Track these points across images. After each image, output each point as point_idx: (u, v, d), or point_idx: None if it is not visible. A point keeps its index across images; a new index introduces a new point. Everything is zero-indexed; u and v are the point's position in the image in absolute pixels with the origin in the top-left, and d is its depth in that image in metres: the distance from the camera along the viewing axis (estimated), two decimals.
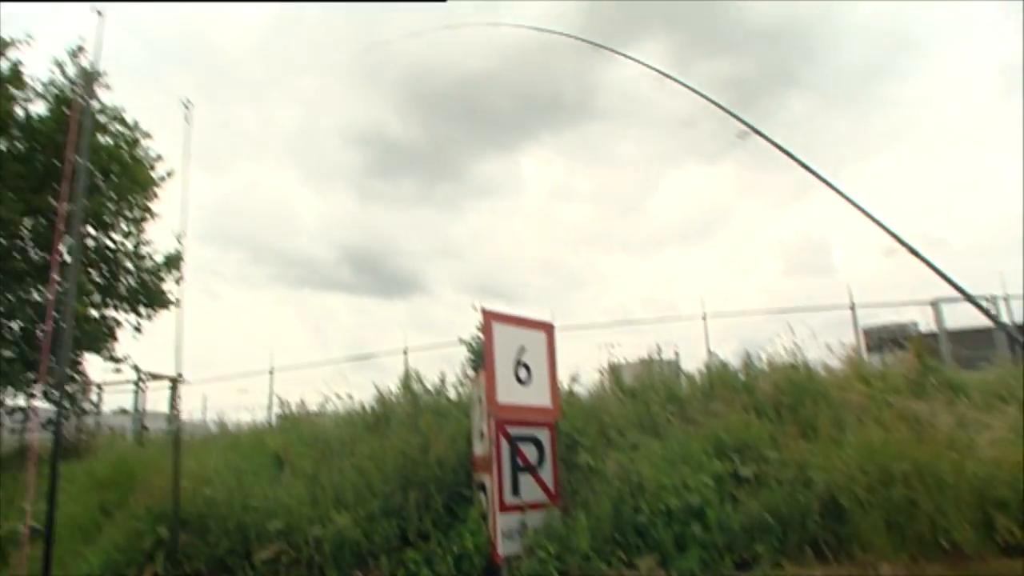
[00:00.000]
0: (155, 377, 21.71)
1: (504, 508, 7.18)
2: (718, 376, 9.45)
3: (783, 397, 8.75)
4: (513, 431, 7.50)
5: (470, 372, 10.66)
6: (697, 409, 8.57)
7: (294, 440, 9.45)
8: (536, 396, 7.84)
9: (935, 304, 13.03)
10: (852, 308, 12.10)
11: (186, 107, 7.84)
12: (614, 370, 10.10)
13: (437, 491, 7.61)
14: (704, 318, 12.10)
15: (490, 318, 7.66)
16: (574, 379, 10.23)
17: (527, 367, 7.80)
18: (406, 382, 10.76)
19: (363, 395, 11.40)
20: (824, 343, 10.35)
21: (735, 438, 7.63)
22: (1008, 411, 8.01)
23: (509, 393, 7.55)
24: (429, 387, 10.62)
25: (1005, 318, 12.28)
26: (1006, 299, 12.19)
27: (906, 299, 15.32)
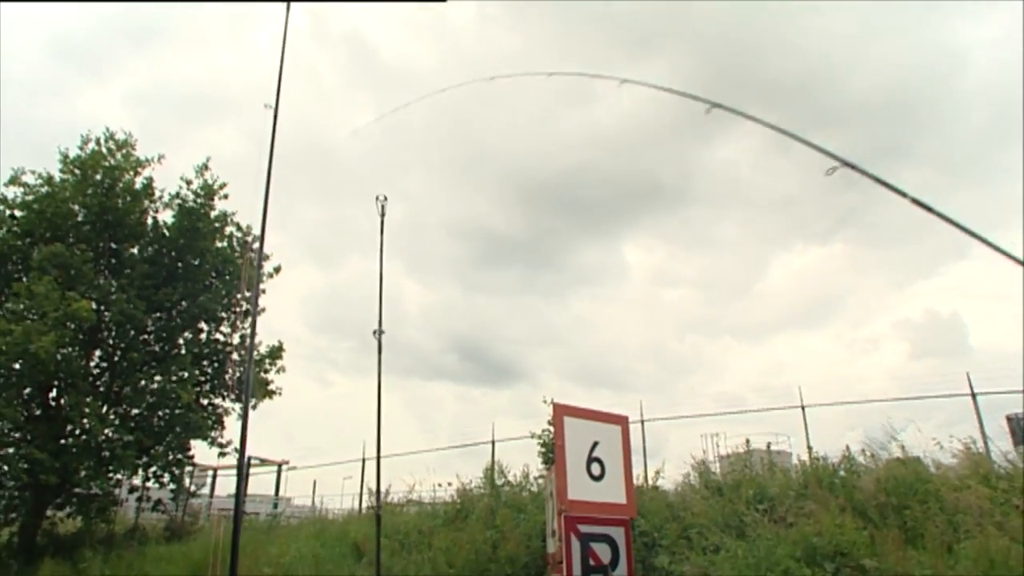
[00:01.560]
0: (263, 462, 22.74)
1: None
2: (813, 472, 8.78)
3: (887, 498, 7.98)
4: (584, 528, 7.22)
5: (542, 467, 10.47)
6: (789, 508, 7.95)
7: (372, 532, 9.48)
8: (610, 492, 7.55)
9: None
10: (973, 396, 11.00)
11: (380, 201, 8.49)
12: (701, 464, 9.59)
13: None
14: (802, 407, 11.36)
15: (561, 412, 7.54)
16: (659, 473, 9.82)
17: (600, 462, 7.57)
18: (489, 474, 10.68)
19: (457, 484, 11.37)
20: (948, 435, 9.49)
21: (829, 543, 6.99)
22: None
23: (581, 489, 7.32)
24: (512, 480, 10.49)
25: None
26: None
27: None
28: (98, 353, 13.52)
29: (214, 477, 23.42)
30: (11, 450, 11.31)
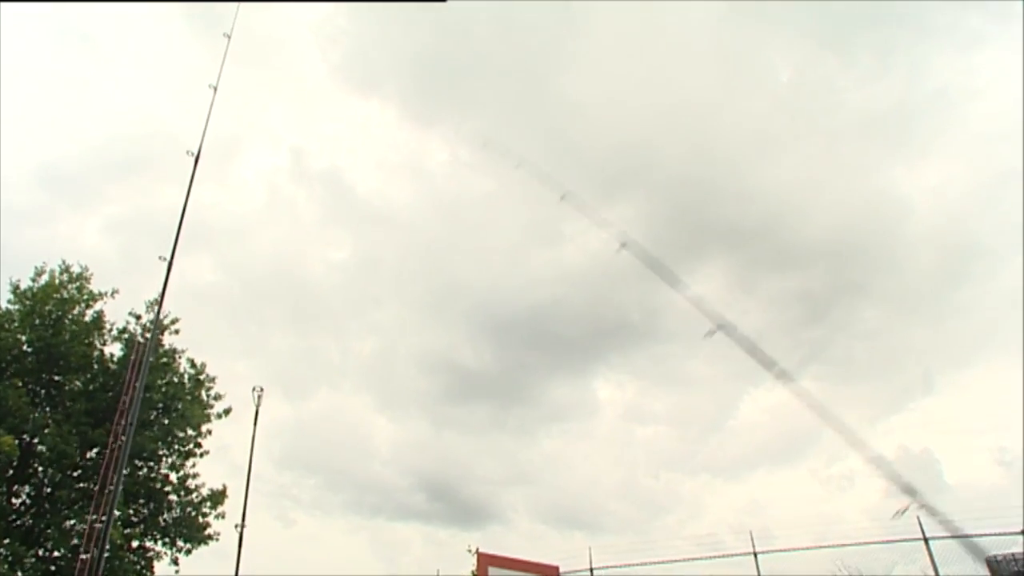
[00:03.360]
0: None
1: None
2: None
3: None
4: None
5: None
6: None
7: None
8: None
9: None
10: (925, 540, 10.68)
11: (256, 392, 8.44)
12: None
13: None
14: (755, 554, 10.93)
15: (486, 561, 7.23)
16: None
17: None
18: None
19: None
20: None
21: None
22: None
23: None
24: None
25: None
26: None
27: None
28: (27, 489, 12.90)
29: None
30: None
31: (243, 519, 7.35)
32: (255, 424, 8.14)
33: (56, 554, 12.20)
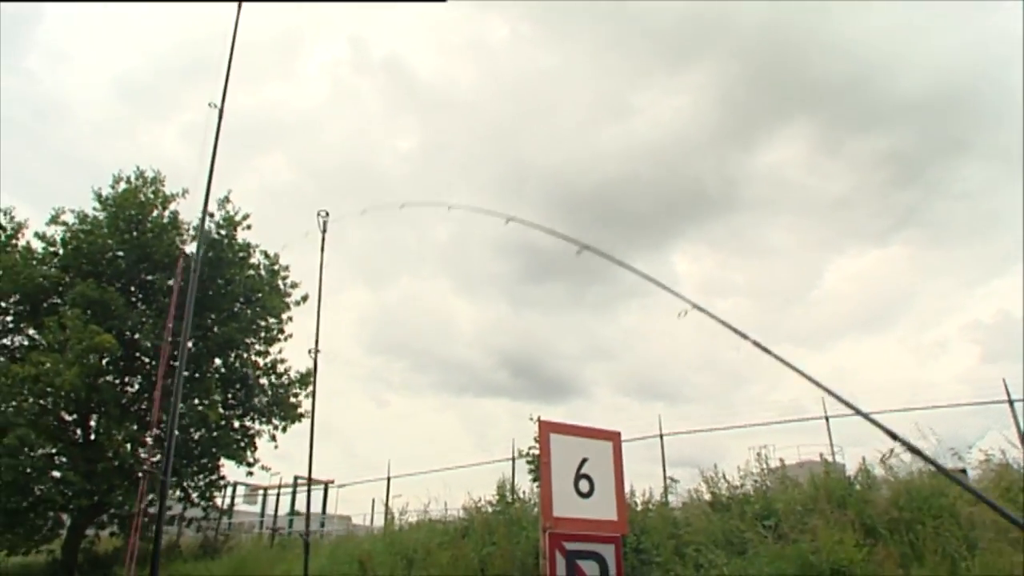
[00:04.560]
0: (310, 482, 23.23)
1: None
2: (824, 487, 8.43)
3: (900, 513, 7.59)
4: (571, 546, 7.09)
5: (534, 486, 10.36)
6: (794, 525, 7.64)
7: (380, 548, 9.59)
8: (600, 510, 7.39)
9: None
10: (1010, 403, 10.34)
11: (322, 217, 8.61)
12: (710, 479, 9.31)
13: None
14: (826, 418, 10.91)
15: (547, 429, 7.47)
16: (668, 490, 9.60)
17: (589, 479, 7.47)
18: (501, 492, 10.63)
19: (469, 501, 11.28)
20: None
21: (825, 560, 6.69)
22: None
23: (567, 507, 7.20)
24: (522, 496, 10.43)
25: None
26: None
27: None
28: (138, 379, 14.22)
29: (264, 495, 24.01)
30: (49, 475, 11.92)
31: (316, 344, 7.88)
32: (322, 249, 8.56)
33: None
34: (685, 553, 7.46)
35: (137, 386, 14.23)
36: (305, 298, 15.15)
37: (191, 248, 14.60)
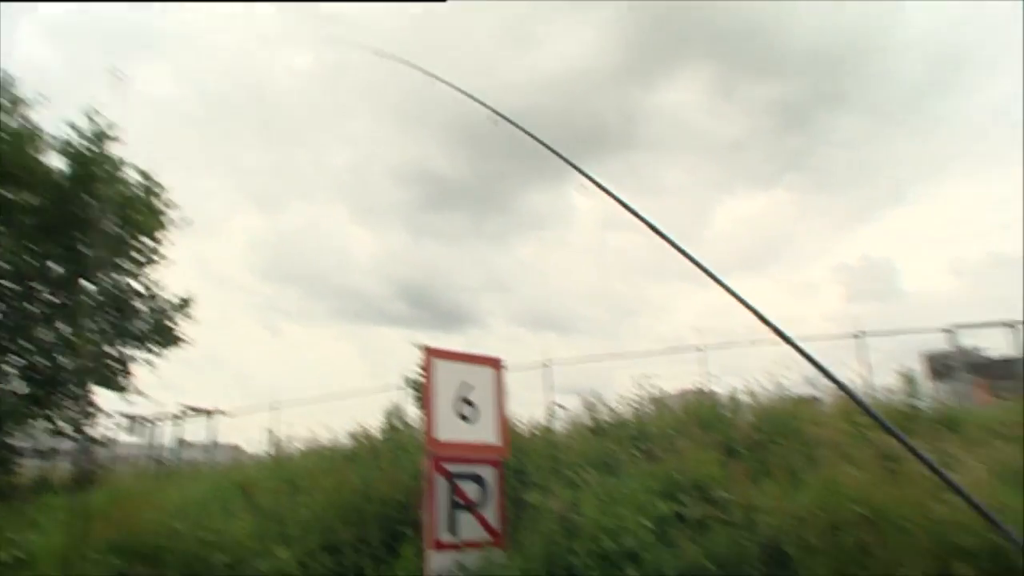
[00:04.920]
0: (194, 411, 22.64)
1: (439, 546, 7.00)
2: (694, 411, 9.05)
3: (758, 435, 8.28)
4: (453, 468, 7.35)
5: (418, 411, 10.58)
6: (663, 446, 8.18)
7: (265, 474, 9.55)
8: (481, 433, 7.68)
9: (1009, 324, 12.05)
10: (858, 336, 11.39)
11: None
12: (590, 405, 9.78)
13: (378, 527, 7.51)
14: (698, 349, 11.69)
15: (431, 355, 7.59)
16: (552, 414, 10.01)
17: (472, 404, 7.67)
18: (388, 417, 10.76)
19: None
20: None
21: (688, 478, 7.24)
22: (997, 449, 7.33)
23: (450, 430, 7.42)
24: (412, 423, 10.59)
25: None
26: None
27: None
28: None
29: (151, 426, 23.21)
30: None
31: None
32: None
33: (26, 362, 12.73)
34: (562, 473, 7.85)
35: None
36: (187, 220, 14.40)
37: (57, 164, 13.46)
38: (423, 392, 7.53)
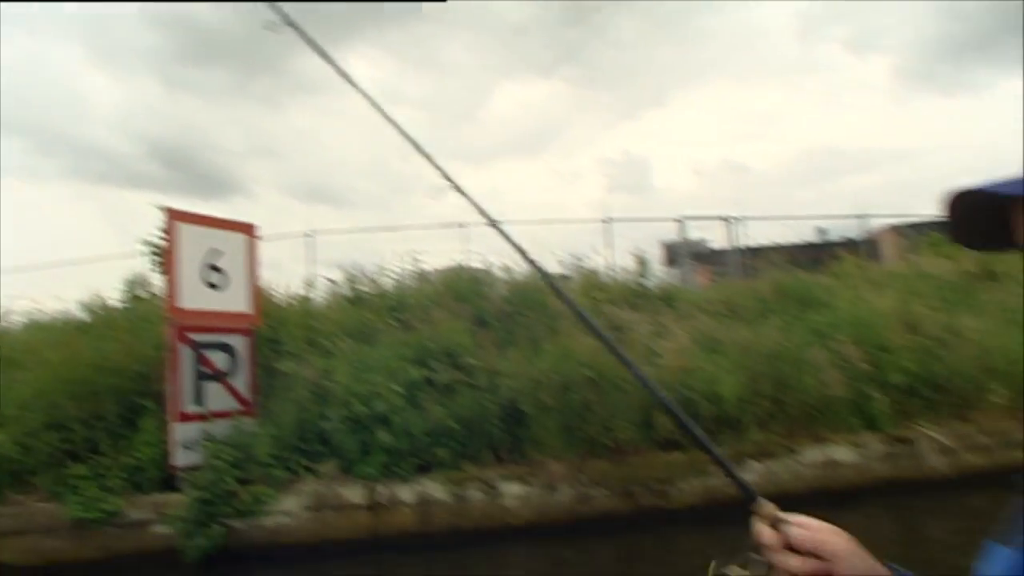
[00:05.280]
0: None
1: (184, 418, 6.77)
2: (450, 284, 9.43)
3: (508, 307, 8.89)
4: (199, 338, 7.02)
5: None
6: (419, 317, 8.48)
7: None
8: (231, 302, 7.37)
9: (726, 219, 13.77)
10: (605, 222, 12.54)
11: None
12: (350, 277, 9.75)
13: (114, 401, 7.04)
14: (460, 225, 12.09)
15: (174, 218, 6.99)
16: (311, 285, 9.84)
17: (221, 271, 7.28)
18: (130, 286, 9.85)
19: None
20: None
21: (440, 346, 7.63)
22: (700, 322, 8.65)
23: (196, 298, 7.02)
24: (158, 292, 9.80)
25: (736, 239, 13.27)
26: (734, 220, 13.09)
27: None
28: None
29: None
30: None
31: None
32: None
33: None
34: (318, 343, 7.86)
35: None
36: None
37: None
38: (165, 258, 6.96)
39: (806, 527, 0.84)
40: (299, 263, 12.52)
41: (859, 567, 0.81)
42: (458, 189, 1.76)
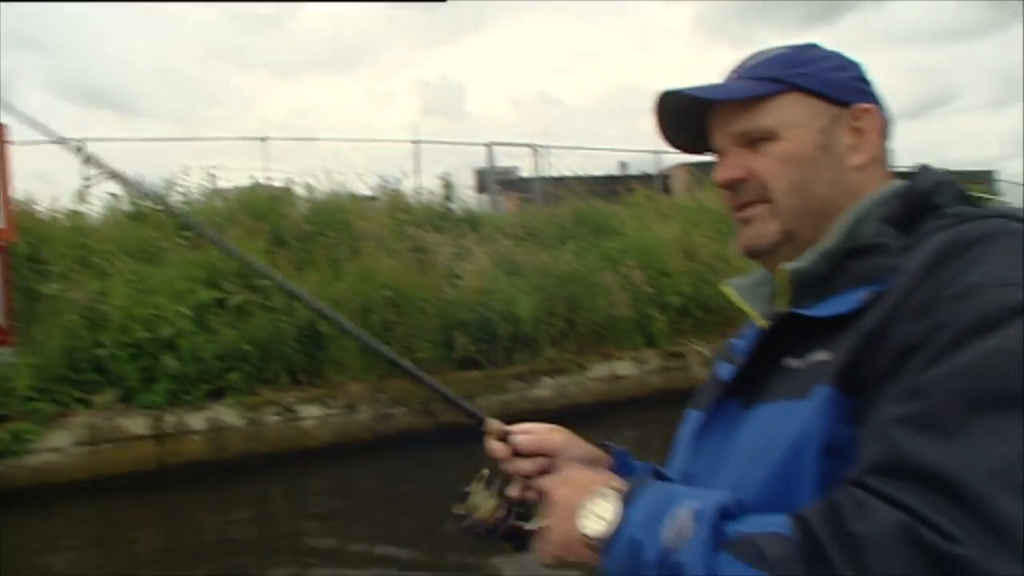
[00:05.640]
0: None
1: None
2: (247, 201, 8.89)
3: (309, 226, 8.57)
4: None
5: None
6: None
7: None
8: None
9: (533, 147, 13.93)
10: (414, 142, 12.36)
11: None
12: (132, 192, 8.79)
13: None
14: (262, 139, 11.33)
15: None
16: (82, 197, 8.79)
17: None
18: None
19: None
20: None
21: (232, 266, 7.19)
22: (501, 244, 8.94)
23: None
24: None
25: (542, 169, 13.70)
26: (541, 149, 13.48)
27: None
28: None
29: None
30: None
31: None
32: None
33: None
34: (91, 262, 7.12)
35: None
36: None
37: None
38: None
39: (528, 432, 0.93)
40: (74, 176, 11.08)
41: (579, 453, 0.92)
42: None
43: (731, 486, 0.67)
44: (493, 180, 13.44)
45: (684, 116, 0.83)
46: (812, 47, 0.81)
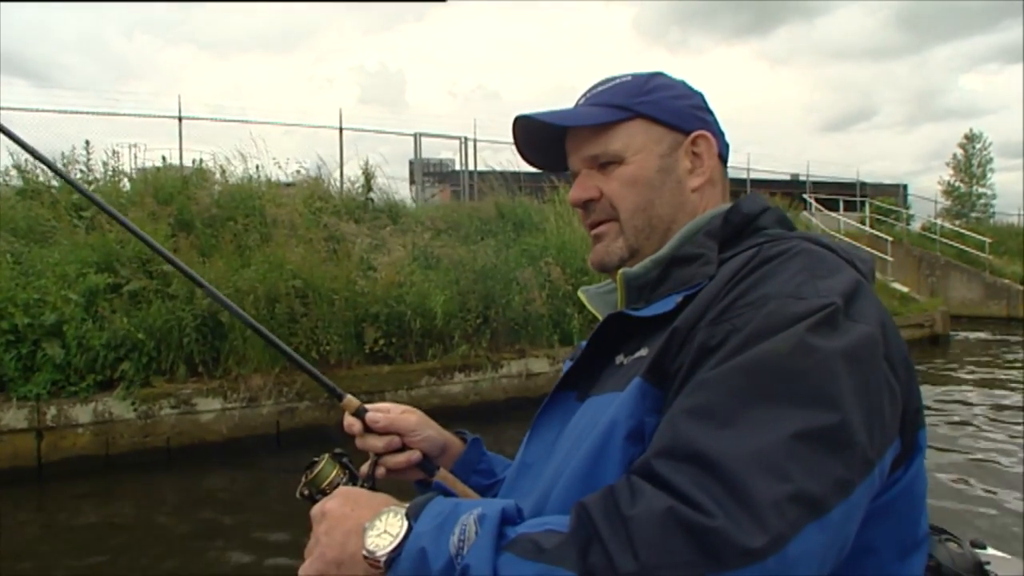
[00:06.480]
0: None
1: None
2: (153, 183, 8.46)
3: (219, 211, 8.22)
4: None
5: None
6: (108, 216, 7.45)
7: None
8: None
9: (462, 140, 13.74)
10: (341, 130, 12.02)
11: None
12: (21, 167, 8.26)
13: None
14: (179, 119, 10.76)
15: None
16: None
17: None
18: None
19: None
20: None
21: (131, 250, 6.84)
22: (418, 236, 8.79)
23: None
24: None
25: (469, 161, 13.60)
26: (469, 141, 13.35)
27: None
28: None
29: None
30: None
31: None
32: None
33: None
34: None
35: None
36: None
37: None
38: None
39: (382, 411, 0.96)
40: None
41: (431, 435, 0.99)
42: None
43: (556, 471, 0.73)
44: (421, 171, 13.25)
45: (543, 138, 0.91)
46: (658, 75, 0.90)
